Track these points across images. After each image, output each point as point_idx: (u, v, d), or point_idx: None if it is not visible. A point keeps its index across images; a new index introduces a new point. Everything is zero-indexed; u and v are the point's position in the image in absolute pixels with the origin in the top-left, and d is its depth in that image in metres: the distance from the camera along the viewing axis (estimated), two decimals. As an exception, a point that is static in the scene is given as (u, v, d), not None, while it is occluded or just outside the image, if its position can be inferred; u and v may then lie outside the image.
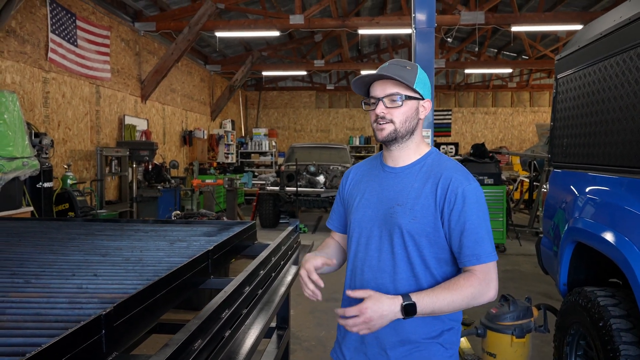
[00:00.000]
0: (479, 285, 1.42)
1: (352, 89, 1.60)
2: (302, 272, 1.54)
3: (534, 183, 10.29)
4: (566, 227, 2.93)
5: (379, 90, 1.52)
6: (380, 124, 1.51)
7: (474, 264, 1.45)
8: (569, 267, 2.92)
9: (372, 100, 1.54)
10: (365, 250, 1.57)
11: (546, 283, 5.69)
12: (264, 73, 15.11)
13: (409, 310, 1.36)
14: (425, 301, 1.37)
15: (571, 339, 2.84)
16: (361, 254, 1.59)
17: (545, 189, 3.68)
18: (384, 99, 1.50)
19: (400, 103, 1.50)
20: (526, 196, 11.24)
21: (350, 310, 1.36)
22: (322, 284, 1.51)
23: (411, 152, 1.56)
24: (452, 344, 1.54)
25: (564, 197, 3.18)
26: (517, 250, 7.67)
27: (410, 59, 5.63)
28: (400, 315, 1.36)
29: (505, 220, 7.57)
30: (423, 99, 1.54)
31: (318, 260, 1.55)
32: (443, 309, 1.40)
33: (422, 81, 1.54)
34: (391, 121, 1.50)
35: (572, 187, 3.11)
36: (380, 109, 1.50)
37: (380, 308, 1.35)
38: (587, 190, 2.89)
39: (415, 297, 1.37)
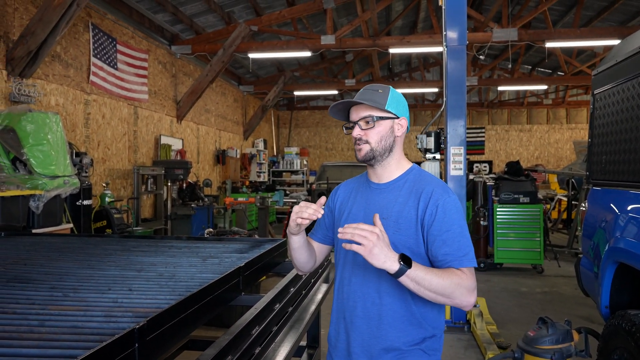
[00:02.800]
0: (466, 281, 1.45)
1: (330, 114, 1.71)
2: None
3: (573, 202, 9.97)
4: (607, 247, 2.82)
5: (354, 114, 1.64)
6: (358, 144, 1.64)
7: (459, 267, 1.48)
8: (610, 289, 2.80)
9: (350, 125, 1.67)
10: (352, 264, 1.64)
11: (587, 306, 5.46)
12: (296, 93, 15.31)
13: (405, 261, 1.37)
14: (420, 267, 1.40)
15: (615, 365, 2.70)
16: (348, 265, 1.65)
17: (584, 207, 3.56)
18: (360, 122, 1.62)
19: (373, 124, 1.60)
20: (564, 215, 10.88)
21: (365, 226, 1.37)
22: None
23: (393, 169, 1.66)
24: (434, 351, 1.59)
25: (603, 216, 3.07)
26: (556, 272, 7.41)
27: (442, 77, 5.59)
28: (395, 263, 1.36)
29: (542, 240, 7.34)
30: (397, 117, 1.64)
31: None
32: (432, 283, 1.40)
33: (395, 101, 1.63)
34: (367, 142, 1.62)
35: (612, 205, 3.00)
36: (356, 132, 1.63)
37: (387, 243, 1.38)
38: (628, 208, 2.78)
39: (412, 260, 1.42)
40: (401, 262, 1.37)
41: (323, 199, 1.59)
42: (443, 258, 1.50)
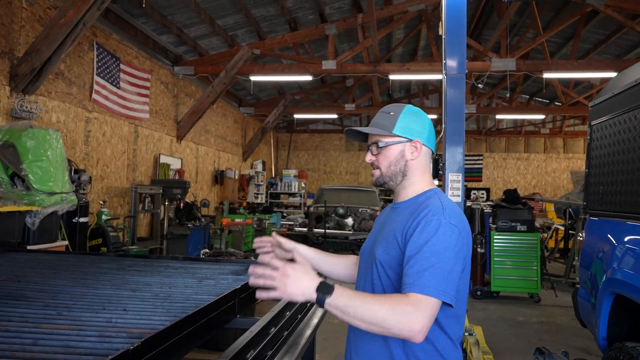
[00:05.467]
0: (406, 306, 1.27)
1: (347, 136, 1.73)
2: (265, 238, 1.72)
3: (570, 231, 9.96)
4: (604, 278, 2.81)
5: (369, 139, 1.65)
6: (373, 168, 1.64)
7: (407, 292, 1.32)
8: (608, 321, 2.78)
9: (366, 149, 1.68)
10: (359, 280, 1.65)
11: (584, 337, 5.41)
12: (296, 116, 15.43)
13: (322, 289, 1.29)
14: (345, 293, 1.30)
15: (613, 398, 2.66)
16: (358, 282, 1.67)
17: (581, 237, 3.56)
18: (371, 147, 1.62)
19: (379, 151, 1.59)
20: (561, 245, 10.86)
21: (276, 261, 1.33)
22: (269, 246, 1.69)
23: (408, 191, 1.61)
24: None
25: (601, 247, 3.07)
26: (553, 302, 7.35)
27: (441, 104, 5.65)
28: (312, 293, 1.29)
29: (539, 269, 7.31)
30: (410, 140, 1.57)
31: (284, 239, 1.73)
32: (357, 309, 1.27)
33: (406, 123, 1.57)
34: (378, 167, 1.61)
35: (609, 236, 3.00)
36: (368, 158, 1.64)
37: (302, 276, 1.31)
38: (625, 239, 2.78)
39: (338, 286, 1.32)
40: (319, 292, 1.29)
41: (278, 238, 1.70)
42: (403, 277, 1.37)
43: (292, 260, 1.53)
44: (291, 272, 1.31)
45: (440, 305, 1.33)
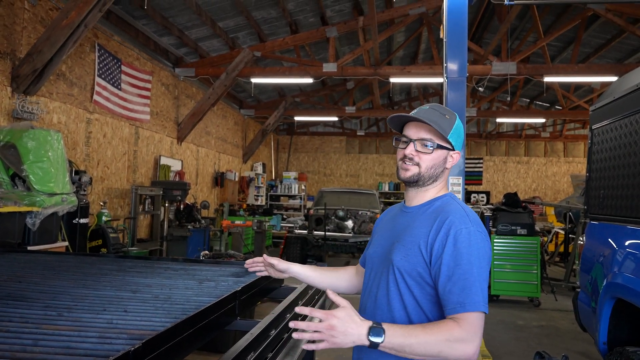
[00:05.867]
0: (459, 333, 1.29)
1: (388, 122, 1.61)
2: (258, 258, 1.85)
3: (570, 235, 9.96)
4: (605, 282, 2.81)
5: (413, 131, 1.54)
6: (406, 163, 1.53)
7: (458, 312, 1.33)
8: (608, 325, 2.78)
9: (404, 139, 1.55)
10: (369, 287, 1.59)
11: (584, 341, 5.39)
12: (296, 118, 15.44)
13: (375, 334, 1.25)
14: (398, 333, 1.27)
15: (613, 403, 2.66)
16: (366, 290, 1.61)
17: (581, 241, 3.56)
18: (416, 142, 1.52)
19: (431, 150, 1.51)
20: (562, 248, 10.86)
21: (317, 312, 1.26)
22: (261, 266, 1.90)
23: (427, 196, 1.57)
24: None
25: (601, 251, 3.07)
26: (553, 305, 7.34)
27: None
28: (365, 340, 1.25)
29: (539, 273, 7.31)
30: (454, 149, 1.56)
31: (275, 260, 1.85)
32: (414, 347, 1.27)
33: (457, 132, 1.55)
34: (417, 164, 1.52)
35: (610, 240, 3.00)
36: (409, 150, 1.53)
37: (348, 323, 1.25)
38: (626, 243, 2.78)
39: (387, 325, 1.28)
40: (370, 338, 1.25)
41: (269, 260, 1.82)
42: (445, 297, 1.37)
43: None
44: (337, 324, 1.24)
45: None
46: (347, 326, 1.24)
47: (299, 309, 1.28)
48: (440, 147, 1.52)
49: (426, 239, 1.45)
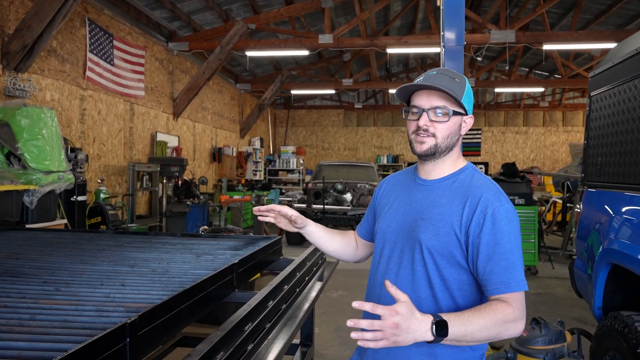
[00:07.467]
0: (514, 314, 1.29)
1: (396, 95, 1.51)
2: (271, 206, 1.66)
3: (568, 204, 10.00)
4: (601, 249, 2.83)
5: (425, 100, 1.43)
6: (420, 135, 1.44)
7: (504, 292, 1.32)
8: (604, 291, 2.81)
9: (415, 110, 1.45)
10: (387, 264, 1.52)
11: (580, 307, 5.48)
12: (293, 92, 15.29)
13: (440, 328, 1.18)
14: (457, 322, 1.21)
15: (607, 366, 2.71)
16: (382, 266, 1.53)
17: (578, 209, 3.57)
18: (429, 111, 1.42)
19: (447, 118, 1.42)
20: (559, 218, 10.92)
21: (379, 308, 1.14)
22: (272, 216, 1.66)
23: (445, 167, 1.49)
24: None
25: (598, 218, 3.08)
26: (550, 273, 7.43)
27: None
28: (429, 336, 1.17)
29: (537, 242, 7.37)
30: (467, 114, 1.47)
31: (295, 213, 1.64)
32: (475, 334, 1.23)
33: (469, 96, 1.46)
34: (433, 135, 1.43)
35: (607, 207, 3.01)
36: (423, 121, 1.42)
37: (411, 319, 1.16)
38: (623, 210, 2.79)
39: (446, 317, 1.21)
40: (434, 333, 1.18)
41: (287, 211, 1.62)
42: (487, 277, 1.33)
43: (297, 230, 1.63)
44: (400, 321, 1.14)
45: None
46: (410, 323, 1.15)
47: (358, 304, 1.15)
48: (455, 113, 1.43)
49: (459, 217, 1.38)
